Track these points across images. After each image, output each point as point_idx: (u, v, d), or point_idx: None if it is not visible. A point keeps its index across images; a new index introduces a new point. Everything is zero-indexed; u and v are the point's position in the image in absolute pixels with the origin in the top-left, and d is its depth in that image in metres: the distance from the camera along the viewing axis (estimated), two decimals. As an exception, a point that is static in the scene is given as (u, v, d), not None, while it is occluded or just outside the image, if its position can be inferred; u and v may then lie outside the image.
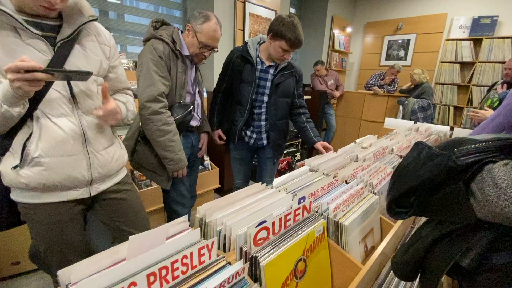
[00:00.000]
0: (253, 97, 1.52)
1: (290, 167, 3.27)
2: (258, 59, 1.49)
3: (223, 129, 1.67)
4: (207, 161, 2.25)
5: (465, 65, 3.91)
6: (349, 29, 4.77)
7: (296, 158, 3.56)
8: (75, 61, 0.82)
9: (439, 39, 4.06)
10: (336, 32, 4.43)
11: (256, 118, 1.58)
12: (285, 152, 3.42)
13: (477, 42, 3.74)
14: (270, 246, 0.58)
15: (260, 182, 0.88)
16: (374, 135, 1.70)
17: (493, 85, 2.67)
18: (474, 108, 2.68)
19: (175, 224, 0.61)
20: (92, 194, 0.92)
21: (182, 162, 1.29)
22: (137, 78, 1.24)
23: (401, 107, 3.47)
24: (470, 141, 0.49)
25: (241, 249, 0.57)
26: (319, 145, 1.56)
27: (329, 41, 4.43)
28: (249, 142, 1.64)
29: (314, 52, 4.51)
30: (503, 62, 3.36)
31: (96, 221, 1.06)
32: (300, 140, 3.71)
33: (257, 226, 0.57)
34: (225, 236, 0.62)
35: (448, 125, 3.99)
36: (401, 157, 1.41)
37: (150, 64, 1.18)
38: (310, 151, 3.93)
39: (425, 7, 4.19)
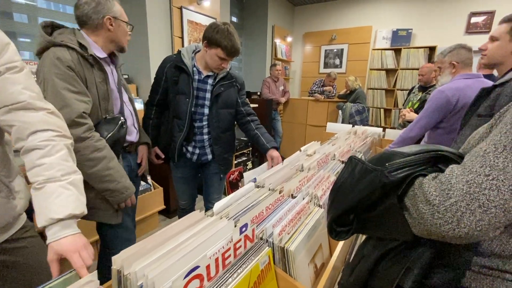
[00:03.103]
0: (192, 109, 1.40)
1: (242, 177, 3.20)
2: (194, 69, 1.39)
3: (160, 147, 1.50)
4: (148, 180, 2.03)
5: (389, 72, 4.41)
6: (289, 39, 4.98)
7: (248, 167, 3.51)
8: None
9: (367, 48, 4.51)
10: (277, 41, 4.59)
11: (197, 132, 1.46)
12: (236, 162, 3.34)
13: (397, 52, 4.26)
14: (204, 297, 0.48)
15: (199, 210, 0.77)
16: (318, 140, 1.74)
17: (412, 89, 3.04)
18: (400, 109, 3.03)
19: (79, 287, 0.47)
20: None
21: (128, 190, 1.07)
22: None
23: (340, 111, 3.72)
24: (399, 155, 0.49)
25: (167, 308, 0.46)
26: (268, 155, 1.51)
27: (271, 50, 4.55)
28: (191, 158, 1.51)
29: (258, 60, 4.59)
30: (419, 69, 3.89)
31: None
32: (251, 148, 3.68)
33: (186, 276, 0.47)
34: (148, 292, 0.49)
35: (380, 126, 4.45)
36: (343, 162, 1.45)
37: (55, 80, 0.92)
38: (262, 159, 3.93)
39: (353, 20, 4.62)
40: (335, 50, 4.85)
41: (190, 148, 1.50)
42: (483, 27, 3.70)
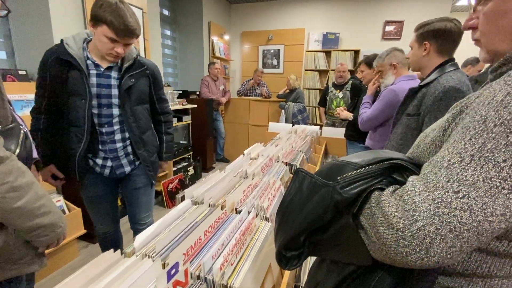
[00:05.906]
0: (95, 112, 1.14)
1: (183, 186, 2.94)
2: (89, 61, 1.12)
3: (58, 164, 1.20)
4: (60, 201, 1.64)
5: (322, 73, 4.70)
6: (226, 37, 4.86)
7: (189, 173, 3.27)
8: None
9: (301, 50, 4.71)
10: (214, 39, 4.42)
11: (107, 140, 1.19)
12: (175, 168, 3.06)
13: (328, 54, 4.57)
14: None
15: (113, 249, 0.58)
16: (261, 141, 1.68)
17: (327, 88, 3.32)
18: (328, 108, 3.25)
19: None
20: None
21: (64, 222, 0.78)
22: None
23: (283, 111, 3.78)
24: (351, 166, 0.42)
25: None
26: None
27: (209, 48, 4.36)
28: (102, 172, 1.23)
29: (195, 58, 4.34)
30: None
31: None
32: (192, 152, 3.44)
33: None
34: None
35: (317, 124, 4.71)
36: (286, 164, 1.41)
37: None
38: (204, 163, 3.71)
39: (287, 21, 4.78)
40: (272, 51, 4.94)
41: (99, 161, 1.22)
42: (394, 34, 4.24)
